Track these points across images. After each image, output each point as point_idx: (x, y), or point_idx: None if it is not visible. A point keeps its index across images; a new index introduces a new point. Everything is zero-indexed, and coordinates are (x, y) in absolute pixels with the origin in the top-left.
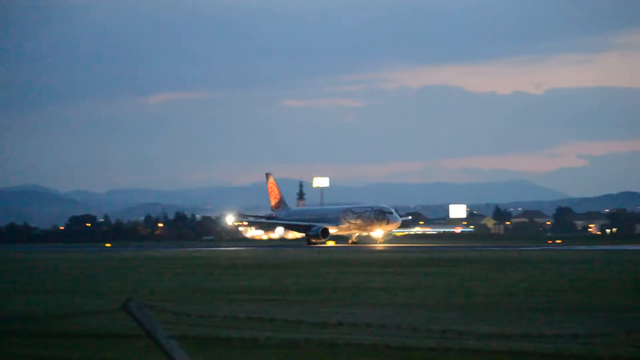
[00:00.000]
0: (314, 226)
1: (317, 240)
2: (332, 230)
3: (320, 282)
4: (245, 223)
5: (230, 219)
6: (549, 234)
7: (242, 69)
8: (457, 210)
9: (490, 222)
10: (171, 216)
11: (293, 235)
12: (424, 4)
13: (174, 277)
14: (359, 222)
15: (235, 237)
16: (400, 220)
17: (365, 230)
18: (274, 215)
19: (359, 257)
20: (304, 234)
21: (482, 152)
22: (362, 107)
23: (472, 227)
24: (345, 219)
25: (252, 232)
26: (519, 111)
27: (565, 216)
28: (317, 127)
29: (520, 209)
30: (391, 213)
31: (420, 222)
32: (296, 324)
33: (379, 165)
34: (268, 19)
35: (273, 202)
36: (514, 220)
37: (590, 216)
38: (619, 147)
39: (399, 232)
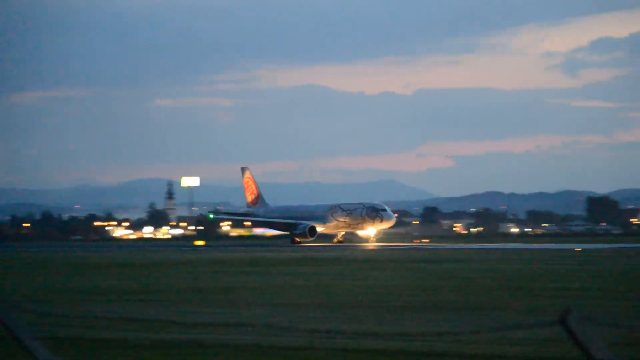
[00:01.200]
0: (300, 224)
1: (304, 240)
2: (319, 229)
3: (196, 282)
4: (114, 223)
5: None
6: (416, 233)
7: (113, 68)
8: None
9: None
10: (38, 216)
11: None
12: (295, 3)
13: (43, 278)
14: (348, 219)
15: (104, 236)
16: (394, 217)
17: (355, 228)
18: (251, 213)
19: (252, 256)
20: (287, 233)
21: (353, 152)
22: (235, 107)
23: None
24: (333, 216)
25: (121, 232)
26: (388, 111)
27: (432, 215)
28: (190, 127)
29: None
30: (385, 210)
31: None
32: (167, 324)
33: (252, 164)
34: (138, 18)
35: (249, 198)
36: None
37: (457, 215)
38: (485, 147)
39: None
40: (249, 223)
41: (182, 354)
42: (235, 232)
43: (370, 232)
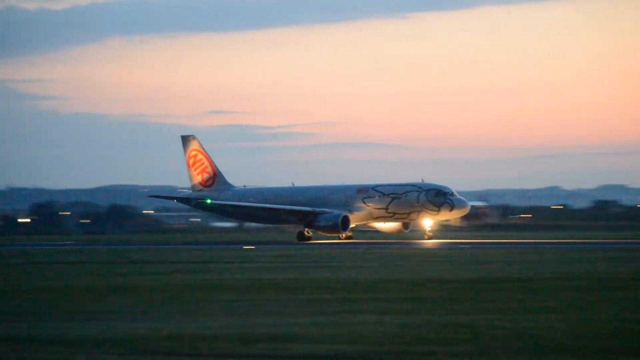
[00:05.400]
0: (324, 213)
1: (333, 234)
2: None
3: None
4: None
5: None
6: None
7: None
8: None
9: None
10: None
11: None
12: None
13: None
14: (392, 206)
15: None
16: (469, 204)
17: (403, 219)
18: (200, 197)
19: None
20: (270, 225)
21: None
22: None
23: None
24: (365, 202)
25: None
26: None
27: None
28: None
29: None
30: (453, 194)
31: None
32: None
33: None
34: None
35: (199, 177)
36: None
37: None
38: None
39: None
40: None
41: None
42: None
43: (426, 224)
